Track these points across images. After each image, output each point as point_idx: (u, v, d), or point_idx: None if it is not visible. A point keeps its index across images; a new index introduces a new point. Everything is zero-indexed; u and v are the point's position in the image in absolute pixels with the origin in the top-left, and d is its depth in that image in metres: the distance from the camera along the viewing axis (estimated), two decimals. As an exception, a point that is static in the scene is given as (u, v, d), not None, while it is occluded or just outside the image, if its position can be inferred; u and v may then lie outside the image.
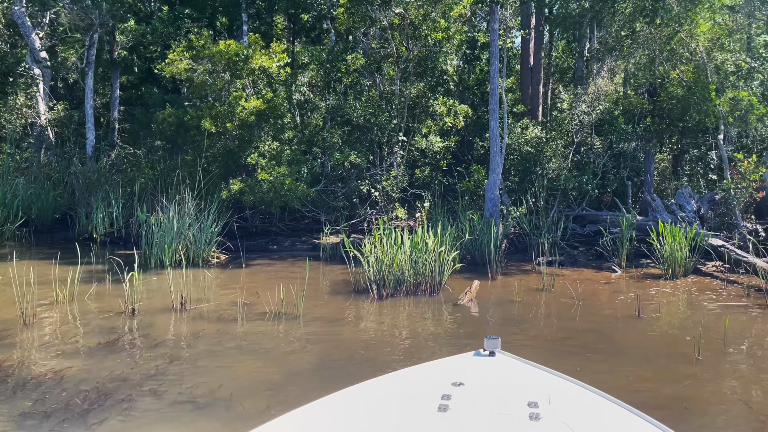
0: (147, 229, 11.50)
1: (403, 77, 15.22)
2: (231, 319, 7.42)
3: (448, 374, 3.05)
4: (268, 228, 14.48)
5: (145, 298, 8.31)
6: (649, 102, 13.41)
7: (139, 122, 16.86)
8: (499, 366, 3.18)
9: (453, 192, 15.50)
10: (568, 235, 13.06)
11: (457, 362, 3.28)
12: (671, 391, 5.28)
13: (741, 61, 12.90)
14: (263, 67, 13.42)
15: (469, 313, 8.23)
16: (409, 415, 2.66)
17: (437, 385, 2.92)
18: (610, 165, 14.14)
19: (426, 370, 3.22)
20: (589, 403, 2.83)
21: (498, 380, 3.02)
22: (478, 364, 3.21)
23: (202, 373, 5.58)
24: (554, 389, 2.92)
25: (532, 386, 2.94)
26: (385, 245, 9.02)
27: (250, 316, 7.57)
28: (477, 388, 2.90)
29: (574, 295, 9.15)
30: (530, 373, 3.12)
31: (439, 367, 3.24)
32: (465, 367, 3.17)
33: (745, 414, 4.87)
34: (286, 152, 13.62)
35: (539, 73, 18.54)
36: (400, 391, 2.94)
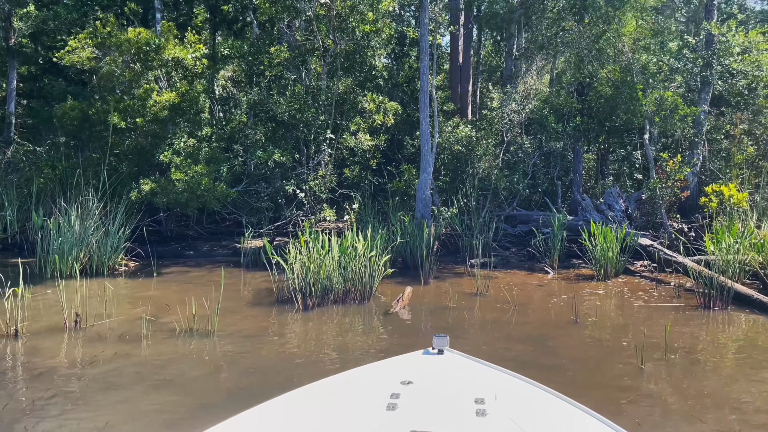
0: (44, 235, 10.26)
1: (331, 72, 14.53)
2: (134, 338, 6.52)
3: (397, 373, 3.06)
4: (185, 232, 13.42)
5: (35, 317, 7.24)
6: (577, 101, 13.35)
7: (39, 117, 15.32)
8: (447, 364, 3.21)
9: (383, 192, 14.97)
10: (500, 236, 12.80)
11: (406, 361, 3.29)
12: (619, 408, 4.90)
13: (662, 63, 13.06)
14: (177, 58, 12.38)
15: (402, 321, 7.67)
16: (358, 414, 2.68)
17: (386, 384, 2.94)
18: (540, 164, 14.02)
19: (375, 370, 3.23)
20: (536, 400, 2.84)
21: (446, 378, 3.04)
22: (427, 362, 3.23)
23: (89, 409, 4.71)
24: (501, 386, 2.95)
25: (479, 383, 2.97)
26: (312, 250, 8.33)
27: (157, 334, 6.68)
28: (425, 386, 2.93)
29: (509, 299, 8.79)
30: (478, 371, 3.15)
31: (388, 366, 3.26)
32: (414, 365, 3.19)
33: (700, 430, 4.54)
34: (204, 150, 12.63)
35: (468, 72, 18.33)
36: (349, 391, 2.95)
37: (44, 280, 9.49)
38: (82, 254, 10.02)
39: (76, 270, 9.70)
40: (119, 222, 10.58)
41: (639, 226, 12.52)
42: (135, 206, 12.14)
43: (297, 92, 13.74)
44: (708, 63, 12.78)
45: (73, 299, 7.65)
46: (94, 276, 9.99)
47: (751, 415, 4.79)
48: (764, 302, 8.31)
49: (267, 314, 7.81)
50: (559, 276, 10.99)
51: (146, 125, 12.19)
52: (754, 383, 5.48)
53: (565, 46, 13.00)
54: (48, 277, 9.66)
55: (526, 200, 14.62)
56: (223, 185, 12.05)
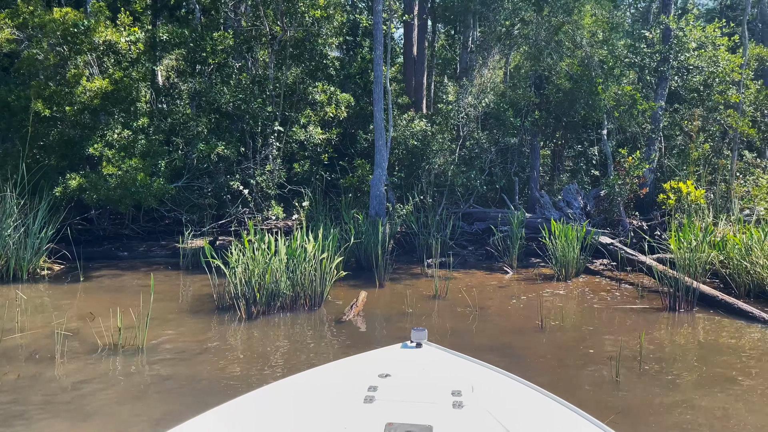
0: (-47, 236, 9.13)
1: (279, 61, 13.71)
2: (46, 357, 5.64)
3: (375, 366, 3.07)
4: (119, 231, 12.39)
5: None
6: (535, 95, 12.97)
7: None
8: (425, 357, 3.21)
9: (335, 188, 14.28)
10: (457, 235, 12.31)
11: (384, 354, 3.30)
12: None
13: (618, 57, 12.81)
14: (109, 42, 11.33)
15: (356, 330, 7.02)
16: (335, 406, 2.68)
17: (364, 377, 2.94)
18: (497, 160, 13.60)
19: (353, 363, 3.21)
20: (513, 392, 2.86)
21: (424, 371, 3.05)
22: (404, 355, 3.24)
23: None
24: (479, 378, 2.96)
25: (456, 376, 2.98)
26: (256, 252, 7.58)
27: (75, 351, 5.82)
28: (403, 378, 2.94)
29: (470, 302, 8.27)
30: (455, 363, 3.16)
31: (366, 359, 3.25)
32: (392, 358, 3.20)
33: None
34: (141, 142, 11.63)
35: (423, 64, 17.78)
36: (327, 384, 2.94)
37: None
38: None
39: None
40: (41, 221, 9.52)
41: (597, 223, 12.25)
42: (62, 203, 11.06)
43: (242, 81, 12.88)
44: (665, 58, 12.60)
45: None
46: (11, 281, 8.94)
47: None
48: (729, 303, 8.05)
49: (205, 324, 7.02)
50: (518, 276, 10.57)
51: (75, 115, 11.11)
52: (737, 396, 5.09)
53: (523, 38, 12.59)
54: (-44, 283, 8.57)
55: (483, 197, 14.21)
56: (161, 181, 11.11)
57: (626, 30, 13.62)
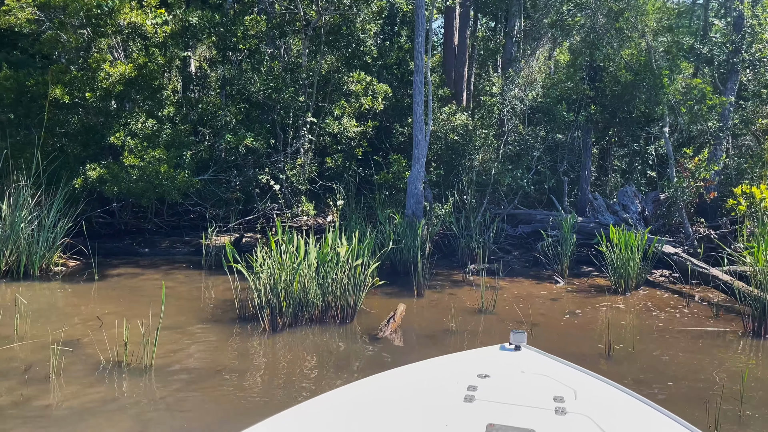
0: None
1: (313, 47, 12.90)
2: (40, 376, 4.90)
3: (473, 366, 3.04)
4: (141, 225, 11.75)
5: None
6: (590, 88, 11.88)
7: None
8: (524, 360, 3.15)
9: (369, 185, 13.42)
10: (501, 238, 11.34)
11: (482, 355, 3.26)
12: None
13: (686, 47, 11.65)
14: (134, 24, 10.64)
15: (393, 349, 6.16)
16: (435, 403, 2.67)
17: (462, 376, 2.92)
18: (546, 158, 12.56)
19: (450, 362, 3.18)
20: (616, 400, 2.79)
21: (524, 374, 3.00)
22: (503, 357, 3.19)
23: None
24: (580, 385, 2.90)
25: (557, 381, 2.93)
26: (283, 256, 6.77)
27: (74, 369, 5.08)
28: (503, 380, 2.91)
29: (520, 317, 7.34)
30: (556, 368, 3.09)
31: (463, 359, 3.22)
32: (490, 359, 3.15)
33: None
34: (166, 132, 10.94)
35: (464, 55, 16.79)
36: (425, 381, 2.93)
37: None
38: (8, 252, 8.32)
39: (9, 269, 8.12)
40: (56, 213, 8.88)
41: (656, 229, 11.15)
42: (82, 195, 10.45)
43: (274, 69, 12.10)
44: (737, 49, 11.38)
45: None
46: (21, 279, 8.32)
47: None
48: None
49: (224, 337, 6.23)
50: (570, 286, 9.58)
51: (97, 101, 10.47)
52: None
53: (577, 25, 11.51)
54: (-37, 279, 7.98)
55: (527, 198, 13.20)
56: (186, 173, 10.40)
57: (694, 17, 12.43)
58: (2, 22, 9.83)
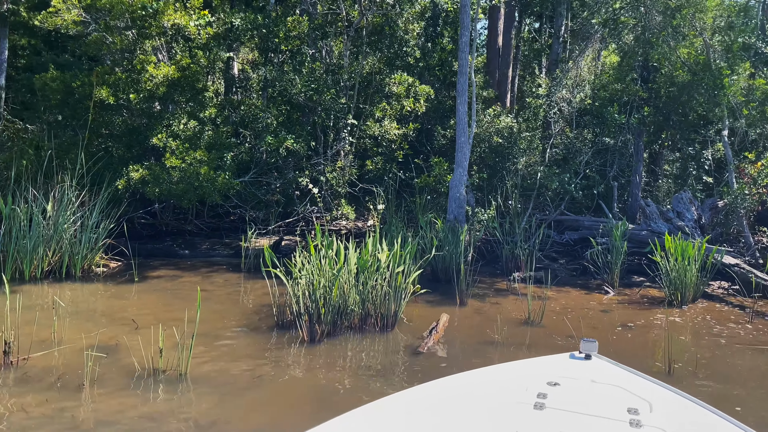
0: (11, 227, 8.59)
1: (354, 48, 12.72)
2: (73, 385, 4.78)
3: (542, 373, 2.97)
4: (183, 226, 11.75)
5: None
6: (643, 89, 11.34)
7: (29, 91, 13.74)
8: (595, 369, 3.06)
9: (409, 188, 13.16)
10: (547, 245, 10.91)
11: (551, 363, 3.18)
12: None
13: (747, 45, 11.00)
14: (178, 26, 10.65)
15: (436, 362, 5.87)
16: (504, 408, 2.61)
17: (532, 383, 2.85)
18: (594, 162, 12.06)
19: (519, 368, 3.12)
20: (694, 415, 2.64)
21: (595, 383, 2.91)
22: (573, 366, 3.10)
23: None
24: (655, 397, 2.78)
25: (631, 392, 2.82)
26: (323, 261, 6.56)
27: (108, 376, 4.96)
28: (573, 389, 2.83)
29: (570, 331, 6.95)
30: (629, 379, 2.99)
31: (532, 365, 3.14)
32: (560, 368, 3.07)
33: None
34: (207, 133, 10.92)
35: (509, 56, 16.40)
36: (493, 386, 2.87)
37: (1, 284, 7.85)
38: (51, 252, 8.37)
39: (52, 269, 8.16)
40: (97, 214, 8.90)
41: (713, 238, 10.55)
42: (124, 196, 10.51)
43: (315, 71, 11.95)
44: (804, 47, 10.69)
45: (22, 314, 5.96)
46: (64, 279, 8.34)
47: None
48: None
49: (261, 346, 6.05)
50: (621, 297, 9.11)
51: (140, 103, 10.50)
52: None
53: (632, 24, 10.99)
54: (8, 278, 8.01)
55: (574, 203, 12.72)
56: (226, 175, 10.33)
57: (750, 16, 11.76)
58: (49, 23, 9.95)
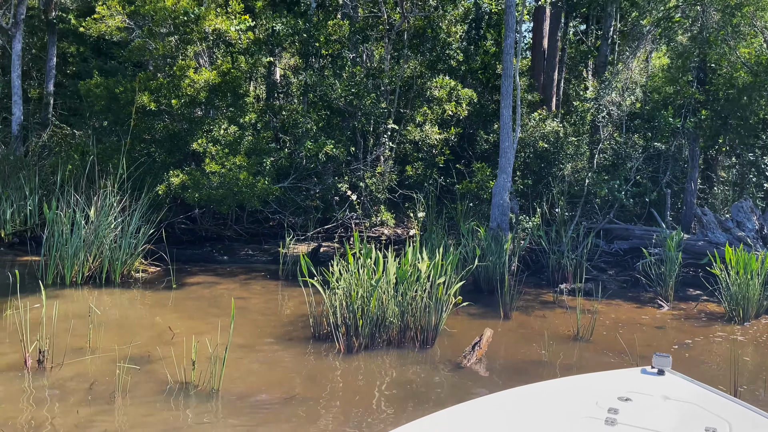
0: (53, 232, 8.65)
1: (395, 52, 12.50)
2: (104, 396, 4.66)
3: (613, 388, 2.86)
4: (222, 232, 11.72)
5: None
6: (699, 91, 10.76)
7: (77, 97, 14.01)
8: (669, 386, 2.92)
9: (450, 194, 12.84)
10: (596, 255, 10.43)
11: (622, 377, 3.10)
12: None
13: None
14: (219, 31, 10.63)
15: (477, 380, 5.55)
16: (574, 422, 2.56)
17: (602, 397, 2.75)
18: (646, 168, 11.51)
19: (589, 382, 3.08)
20: None
21: (670, 400, 2.78)
22: (645, 381, 3.00)
23: None
24: (736, 417, 2.62)
25: (708, 411, 2.67)
26: (361, 271, 6.33)
27: (140, 388, 4.82)
28: (646, 406, 2.71)
29: (625, 348, 6.52)
30: (706, 397, 2.83)
31: (601, 379, 3.11)
32: (631, 383, 2.96)
33: None
34: (247, 139, 10.86)
35: (554, 59, 15.87)
36: (561, 399, 2.81)
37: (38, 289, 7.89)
38: (92, 258, 8.38)
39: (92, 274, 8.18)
40: (137, 220, 8.90)
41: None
42: (166, 201, 10.53)
43: (355, 74, 11.78)
44: None
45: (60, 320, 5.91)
46: (104, 285, 8.34)
47: None
48: None
49: (297, 359, 5.85)
50: (676, 312, 8.59)
51: (181, 108, 10.51)
52: None
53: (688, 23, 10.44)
54: (49, 283, 8.08)
55: (623, 211, 12.17)
56: (265, 180, 10.24)
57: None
58: (94, 30, 10.06)
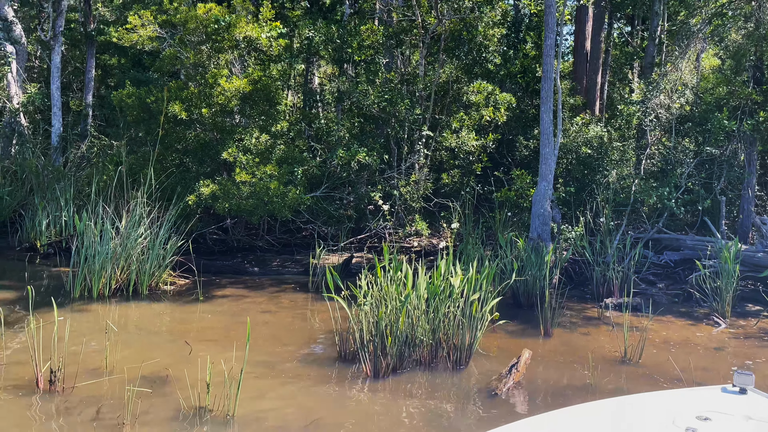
0: (83, 243, 8.55)
1: (430, 55, 12.12)
2: (114, 421, 4.40)
3: (691, 407, 2.77)
4: (254, 242, 11.52)
5: (13, 364, 5.39)
6: (756, 92, 10.03)
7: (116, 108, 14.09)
8: (752, 405, 2.80)
9: (488, 202, 12.35)
10: (645, 268, 9.79)
11: (701, 395, 3.01)
12: None
13: None
14: (250, 38, 10.46)
15: (516, 412, 5.09)
16: None
17: (680, 416, 2.66)
18: (699, 175, 10.80)
19: (665, 399, 2.99)
20: None
21: (752, 421, 2.65)
22: (726, 400, 2.88)
23: None
24: None
25: None
26: (390, 285, 5.96)
27: (151, 413, 4.55)
28: (726, 426, 2.60)
29: (679, 372, 5.96)
30: None
31: (680, 397, 3.05)
32: (711, 401, 2.86)
33: None
34: (279, 147, 10.65)
35: (597, 61, 15.22)
36: (637, 415, 2.75)
37: (67, 301, 7.80)
38: (119, 270, 8.26)
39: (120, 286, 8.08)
40: (165, 231, 8.75)
41: None
42: (197, 211, 10.40)
43: (389, 80, 11.45)
44: None
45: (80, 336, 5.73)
46: (131, 298, 8.20)
47: None
48: None
49: (321, 381, 5.51)
50: (734, 330, 7.93)
51: (212, 117, 10.37)
52: None
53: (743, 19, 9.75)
54: (76, 296, 7.98)
55: (673, 220, 11.47)
56: (296, 190, 9.99)
57: None
58: (125, 39, 10.03)
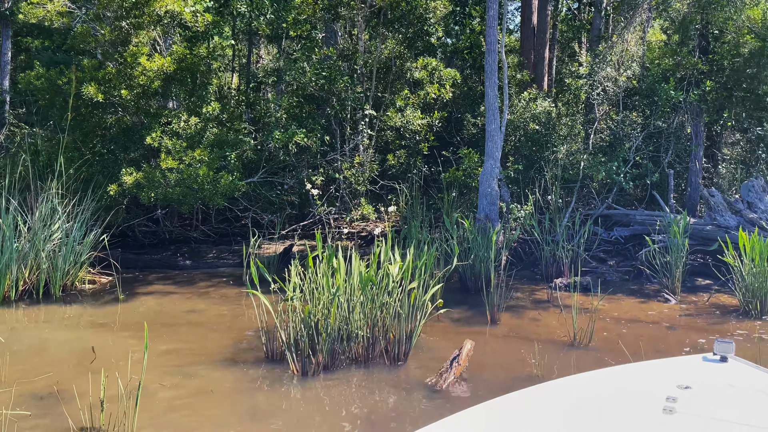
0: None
1: (372, 29, 11.51)
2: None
3: (672, 376, 2.76)
4: (188, 233, 10.78)
5: None
6: (702, 61, 9.80)
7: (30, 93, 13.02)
8: (733, 373, 2.79)
9: (437, 183, 11.91)
10: (594, 245, 9.51)
11: (682, 364, 2.99)
12: None
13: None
14: (172, 12, 9.64)
15: (457, 408, 4.63)
16: (631, 410, 2.49)
17: (661, 385, 2.65)
18: (646, 148, 10.57)
19: (648, 369, 3.00)
20: None
21: (733, 389, 2.66)
22: (707, 368, 2.87)
23: None
24: None
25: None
26: (320, 279, 5.41)
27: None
28: (708, 394, 2.62)
29: (629, 355, 5.62)
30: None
31: (662, 367, 2.99)
32: (692, 370, 2.86)
33: None
34: (211, 131, 9.91)
35: (545, 35, 14.87)
36: (620, 386, 2.75)
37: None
38: (27, 270, 7.45)
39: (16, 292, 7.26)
40: (84, 224, 7.96)
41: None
42: (122, 202, 9.62)
43: (327, 57, 10.81)
44: None
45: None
46: (41, 301, 7.41)
47: None
48: None
49: (242, 386, 4.93)
50: (685, 306, 7.71)
51: (134, 99, 9.56)
52: None
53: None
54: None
55: (622, 196, 11.26)
56: (229, 176, 9.30)
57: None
58: (30, 15, 9.08)
